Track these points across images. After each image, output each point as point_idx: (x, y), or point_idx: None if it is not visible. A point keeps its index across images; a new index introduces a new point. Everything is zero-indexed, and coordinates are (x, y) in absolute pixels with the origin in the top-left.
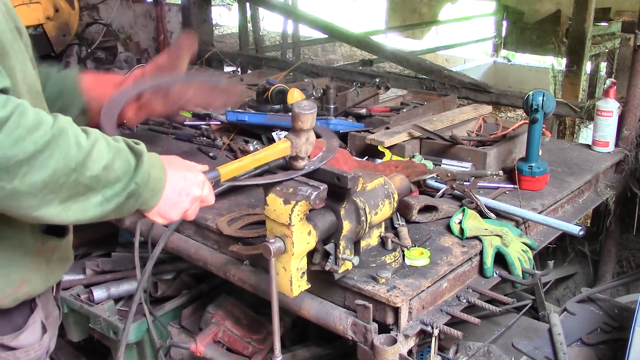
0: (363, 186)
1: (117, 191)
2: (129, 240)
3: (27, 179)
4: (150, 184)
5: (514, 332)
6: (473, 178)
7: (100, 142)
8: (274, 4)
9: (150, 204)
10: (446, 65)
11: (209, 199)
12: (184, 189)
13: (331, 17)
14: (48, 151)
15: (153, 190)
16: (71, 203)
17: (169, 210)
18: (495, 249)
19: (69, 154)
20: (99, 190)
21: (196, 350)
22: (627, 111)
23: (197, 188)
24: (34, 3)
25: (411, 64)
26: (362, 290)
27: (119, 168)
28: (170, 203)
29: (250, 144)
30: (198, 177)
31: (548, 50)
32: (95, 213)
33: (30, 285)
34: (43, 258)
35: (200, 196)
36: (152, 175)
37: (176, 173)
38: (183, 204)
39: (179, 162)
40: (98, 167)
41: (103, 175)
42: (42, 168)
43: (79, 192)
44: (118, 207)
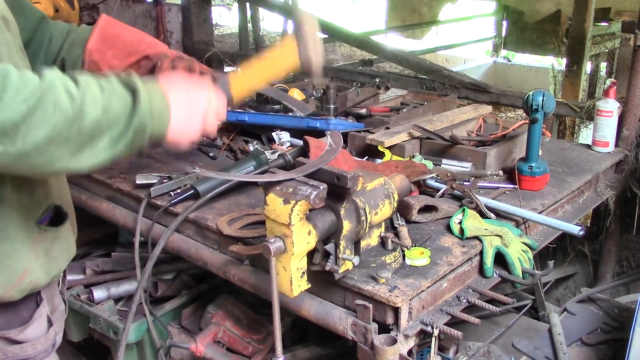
0: (363, 186)
1: (121, 129)
2: (129, 240)
3: (28, 138)
4: (155, 112)
5: (514, 332)
6: (473, 178)
7: (92, 86)
8: (274, 4)
9: (161, 131)
10: (446, 65)
11: (220, 110)
12: (191, 106)
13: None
14: (41, 107)
15: (159, 117)
16: (80, 152)
17: (183, 130)
18: (495, 249)
19: (64, 105)
20: (104, 132)
21: (196, 350)
22: (627, 111)
23: (205, 102)
24: (34, 3)
25: (411, 64)
26: (362, 290)
27: (117, 107)
28: (183, 123)
29: (250, 144)
30: (202, 91)
31: (548, 50)
32: (107, 155)
33: (33, 275)
34: (42, 248)
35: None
36: (153, 104)
37: (180, 94)
38: (195, 120)
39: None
40: (96, 111)
41: (103, 118)
42: (40, 125)
43: (84, 140)
44: (128, 144)
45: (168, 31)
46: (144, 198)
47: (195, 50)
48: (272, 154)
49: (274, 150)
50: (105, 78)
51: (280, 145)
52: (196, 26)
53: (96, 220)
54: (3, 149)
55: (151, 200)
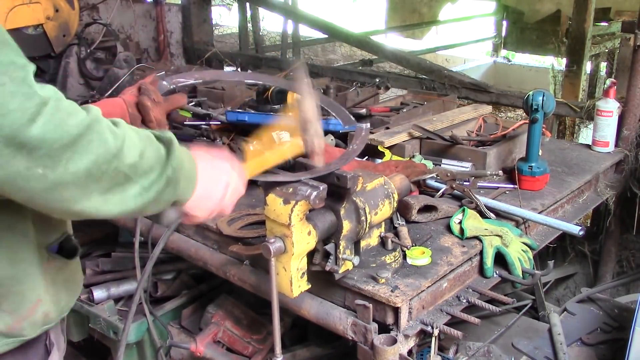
0: (363, 186)
1: (154, 179)
2: (129, 240)
3: (71, 165)
4: (185, 171)
5: (514, 332)
6: (473, 178)
7: (130, 131)
8: (274, 4)
9: (187, 192)
10: (446, 65)
11: (240, 188)
12: (214, 176)
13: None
14: (89, 135)
15: (188, 178)
16: (111, 195)
17: (206, 198)
18: (495, 249)
19: (108, 140)
20: (137, 179)
21: (196, 350)
22: (627, 111)
23: (226, 175)
24: (34, 3)
25: (411, 64)
26: (362, 290)
27: (152, 156)
28: (206, 192)
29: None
30: (225, 165)
31: (548, 50)
32: (136, 203)
33: (45, 306)
34: (49, 277)
35: (229, 183)
36: (184, 163)
37: (205, 162)
38: (218, 191)
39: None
40: (134, 154)
41: (139, 163)
42: (85, 153)
43: (118, 182)
44: (157, 195)
45: (168, 31)
46: None
47: (195, 50)
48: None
49: None
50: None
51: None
52: (196, 26)
53: (96, 220)
54: (42, 172)
55: None
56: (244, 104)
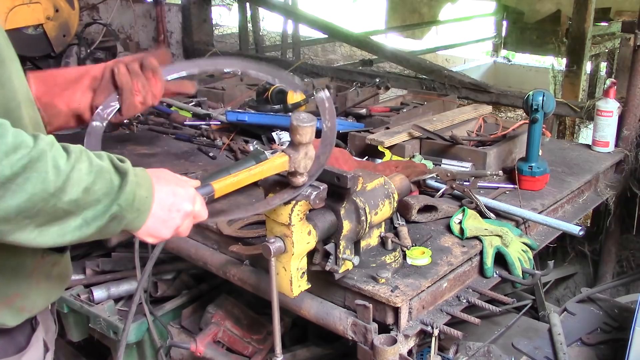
0: (363, 186)
1: (97, 213)
2: (129, 240)
3: (1, 203)
4: (136, 204)
5: (514, 332)
6: (473, 178)
7: (82, 162)
8: (274, 4)
9: (136, 224)
10: (446, 65)
11: (201, 214)
12: (173, 204)
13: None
14: (24, 175)
15: (139, 211)
16: (48, 227)
17: (158, 228)
18: (495, 249)
19: (47, 178)
20: (79, 213)
21: (196, 350)
22: (627, 111)
23: (188, 203)
24: (34, 3)
25: (411, 64)
26: (362, 290)
27: (100, 189)
28: (160, 221)
29: (250, 144)
30: (189, 192)
31: (548, 50)
32: (74, 237)
33: (28, 300)
34: (42, 273)
35: (192, 212)
36: (137, 194)
37: (165, 188)
38: (173, 220)
39: (168, 176)
40: (77, 190)
41: (83, 198)
42: (17, 192)
43: (57, 217)
44: (99, 229)
45: (168, 31)
46: None
47: (195, 50)
48: (272, 154)
49: (274, 150)
50: (99, 155)
51: (280, 145)
52: (196, 26)
53: None
54: None
55: None
56: (244, 104)
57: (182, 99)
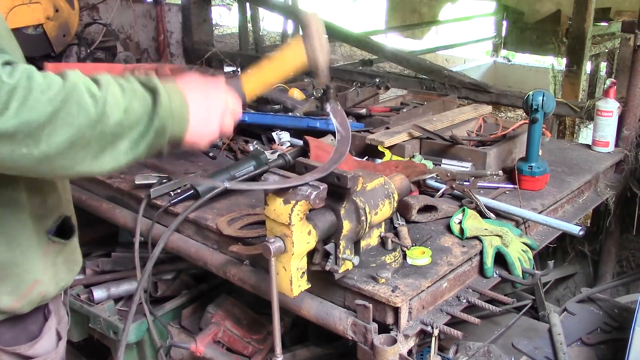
0: (363, 186)
1: (142, 131)
2: (129, 240)
3: (52, 140)
4: (174, 114)
5: (514, 332)
6: (473, 178)
7: (114, 87)
8: (274, 4)
9: (180, 132)
10: (446, 65)
11: (236, 110)
12: (209, 105)
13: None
14: (65, 108)
15: (179, 118)
16: (102, 155)
17: (203, 129)
18: (495, 249)
19: (87, 106)
20: (126, 134)
21: (196, 350)
22: (627, 111)
23: (222, 101)
24: (34, 3)
25: (411, 64)
26: (362, 290)
27: (138, 108)
28: (202, 122)
29: (250, 144)
30: (219, 91)
31: (548, 50)
32: (128, 157)
33: (43, 286)
34: (50, 259)
35: (226, 107)
36: (172, 105)
37: (197, 93)
38: (214, 118)
39: (196, 81)
40: (119, 112)
41: (125, 118)
42: (64, 126)
43: (106, 142)
44: (149, 145)
45: (168, 31)
46: (144, 198)
47: (195, 50)
48: (272, 154)
49: (274, 150)
50: (125, 79)
51: (280, 145)
52: (196, 26)
53: (96, 220)
54: (27, 151)
55: (151, 200)
56: (244, 104)
57: None
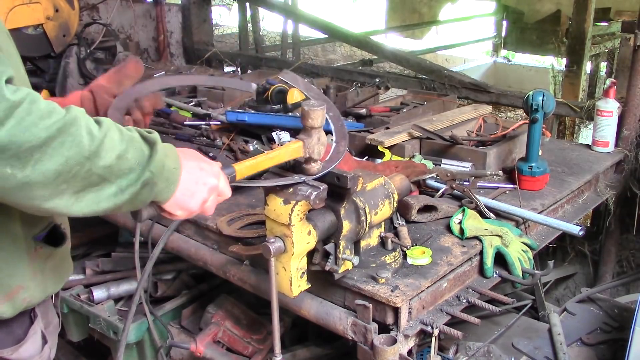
0: (363, 186)
1: (131, 181)
2: (129, 240)
3: (39, 166)
4: (165, 172)
5: (514, 332)
6: (473, 178)
7: (113, 131)
8: (274, 4)
9: (166, 194)
10: (446, 65)
11: (225, 191)
12: (200, 178)
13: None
14: (60, 138)
15: (168, 180)
16: (84, 194)
17: (187, 200)
18: (495, 249)
19: (82, 142)
20: (113, 180)
21: (196, 350)
22: (627, 111)
23: (214, 178)
24: (34, 3)
25: (411, 64)
26: (362, 290)
27: (133, 157)
28: (188, 193)
29: (250, 144)
30: (214, 168)
31: (548, 50)
32: (109, 204)
33: (28, 292)
34: (37, 265)
35: (217, 186)
36: (166, 164)
37: (191, 163)
38: (201, 193)
39: (193, 154)
40: (111, 156)
41: (116, 165)
42: (54, 156)
43: (92, 183)
44: (132, 197)
45: (168, 31)
46: None
47: (195, 50)
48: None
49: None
50: (127, 127)
51: (280, 145)
52: (196, 26)
53: (96, 220)
54: (11, 172)
55: None
56: (244, 104)
57: (181, 99)
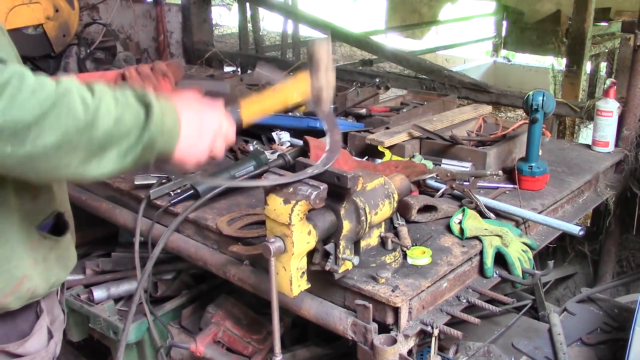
0: (363, 186)
1: (131, 143)
2: (129, 240)
3: (39, 141)
4: (165, 129)
5: (514, 332)
6: (473, 178)
7: (107, 97)
8: (274, 4)
9: (169, 149)
10: (446, 65)
11: (229, 134)
12: (202, 126)
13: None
14: (55, 111)
15: (168, 136)
16: (88, 162)
17: (192, 149)
18: (495, 249)
19: (77, 112)
20: (114, 144)
21: (196, 350)
22: (627, 111)
23: (216, 123)
24: (34, 3)
25: (411, 64)
26: (362, 290)
27: (130, 120)
28: (192, 141)
29: (250, 144)
30: (216, 112)
31: (548, 50)
32: (114, 167)
33: (32, 282)
34: (40, 255)
35: (219, 131)
36: (164, 121)
37: (190, 112)
38: (205, 141)
39: (193, 100)
40: (109, 121)
41: (115, 129)
42: (52, 129)
43: (93, 150)
44: (136, 158)
45: (168, 31)
46: (143, 198)
47: (195, 50)
48: (272, 154)
49: (274, 150)
50: (120, 90)
51: (280, 145)
52: (196, 26)
53: (96, 220)
54: (11, 150)
55: (151, 200)
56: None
57: None
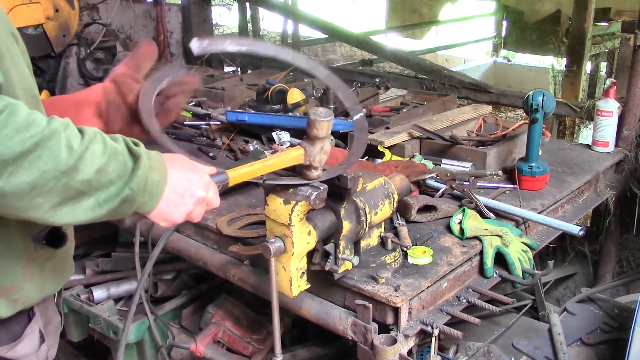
0: (363, 186)
1: (110, 195)
2: (129, 240)
3: (12, 179)
4: (148, 187)
5: (514, 332)
6: (473, 178)
7: (96, 143)
8: (274, 4)
9: (148, 207)
10: (446, 65)
11: (213, 202)
12: (187, 190)
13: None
14: (36, 152)
15: (150, 194)
16: (61, 207)
17: (171, 212)
18: (495, 249)
19: (59, 157)
20: (91, 194)
21: (196, 350)
22: (627, 111)
23: (202, 190)
24: (34, 3)
25: (411, 64)
26: (362, 290)
27: (114, 171)
28: (172, 205)
29: (250, 144)
30: (203, 178)
31: (548, 50)
32: (86, 217)
33: (23, 292)
34: (36, 266)
35: (204, 198)
36: (149, 178)
37: (179, 173)
38: (186, 205)
39: (183, 162)
40: (90, 170)
41: (95, 179)
42: (29, 169)
43: (69, 196)
44: (111, 211)
45: (168, 31)
46: None
47: None
48: (272, 154)
49: (274, 150)
50: (113, 137)
51: (280, 145)
52: (196, 26)
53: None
54: None
55: None
56: (244, 104)
57: None
